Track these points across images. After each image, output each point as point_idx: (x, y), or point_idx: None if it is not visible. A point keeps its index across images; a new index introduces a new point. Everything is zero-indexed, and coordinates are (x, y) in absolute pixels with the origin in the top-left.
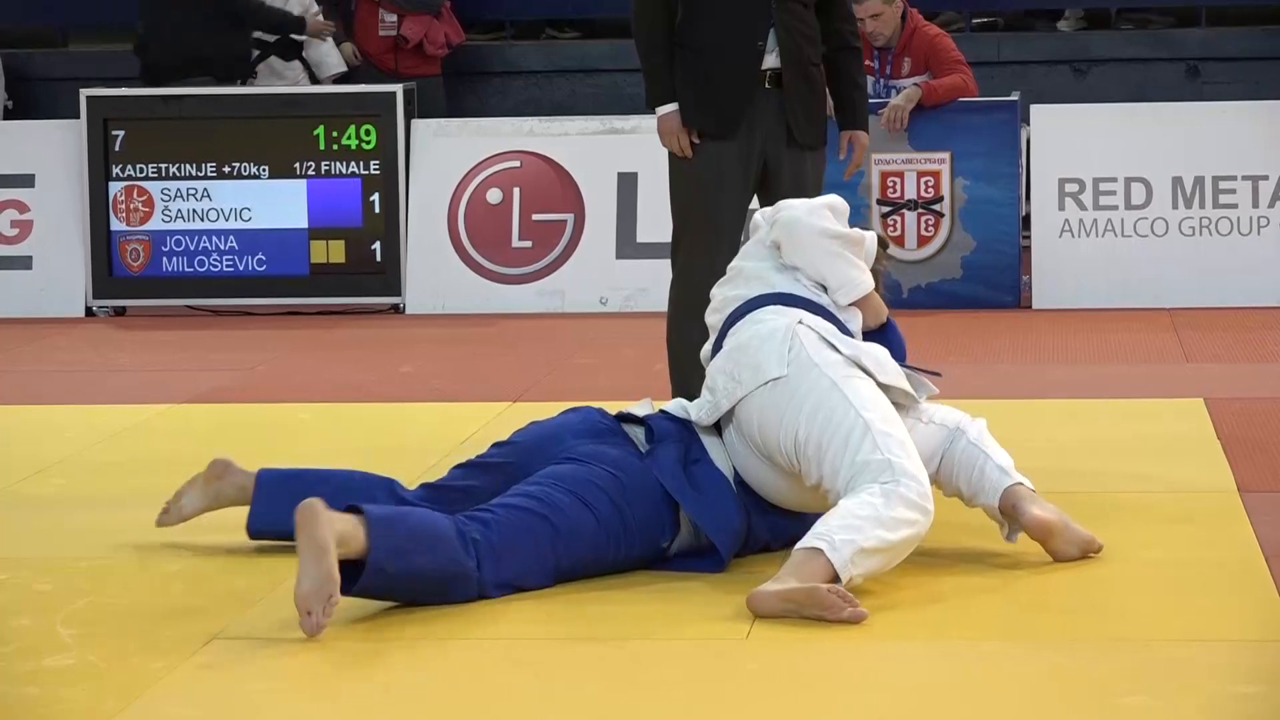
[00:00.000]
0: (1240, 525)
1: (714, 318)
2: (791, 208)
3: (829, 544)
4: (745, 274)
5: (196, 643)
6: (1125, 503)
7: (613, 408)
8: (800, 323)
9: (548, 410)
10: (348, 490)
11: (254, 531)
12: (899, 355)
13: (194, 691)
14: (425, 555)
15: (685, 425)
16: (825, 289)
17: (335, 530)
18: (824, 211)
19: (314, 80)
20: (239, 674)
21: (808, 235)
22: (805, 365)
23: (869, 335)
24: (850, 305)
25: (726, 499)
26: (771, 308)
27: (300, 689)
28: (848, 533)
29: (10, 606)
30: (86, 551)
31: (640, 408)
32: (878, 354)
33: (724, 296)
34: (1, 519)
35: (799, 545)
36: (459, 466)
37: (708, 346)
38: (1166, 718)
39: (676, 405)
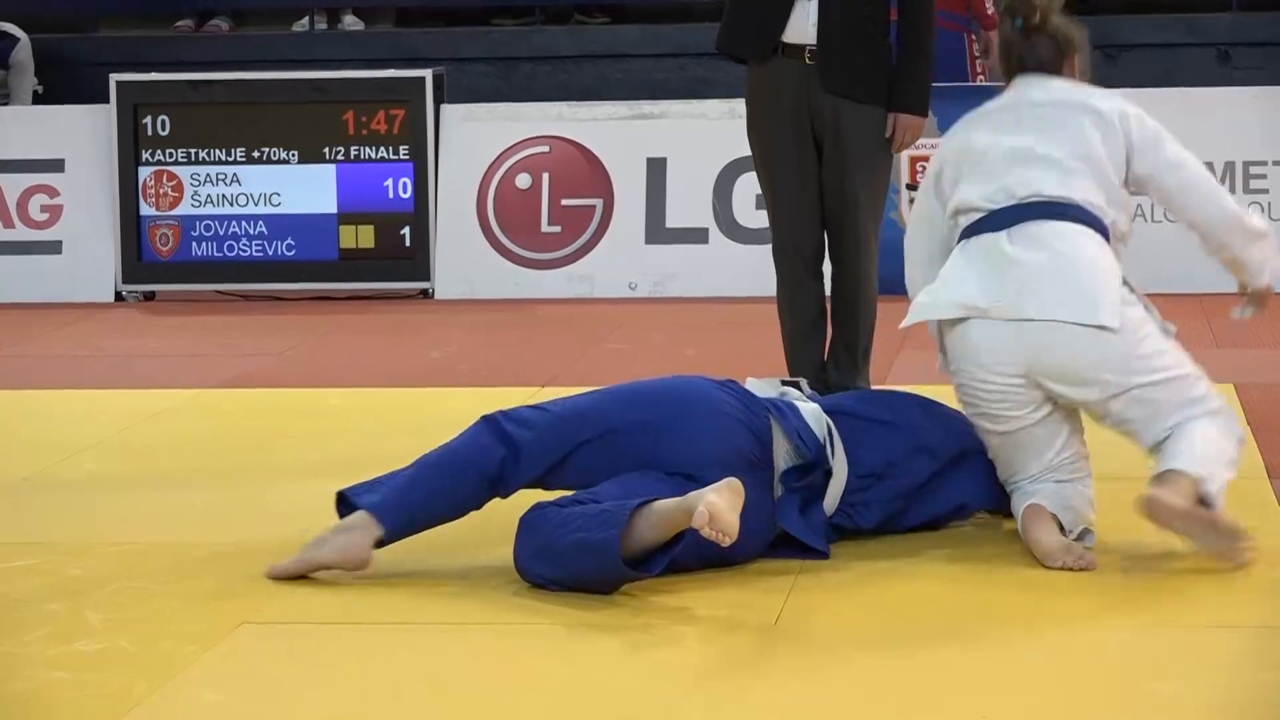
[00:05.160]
0: (1270, 510)
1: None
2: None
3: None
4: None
5: (226, 628)
6: None
7: None
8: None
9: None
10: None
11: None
12: None
13: (223, 676)
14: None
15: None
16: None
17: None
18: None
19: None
20: (268, 659)
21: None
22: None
23: None
24: None
25: (825, 526)
26: (1089, 232)
27: (329, 674)
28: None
29: (41, 591)
30: (117, 536)
31: (797, 398)
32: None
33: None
34: (33, 503)
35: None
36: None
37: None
38: (1196, 703)
39: (816, 419)
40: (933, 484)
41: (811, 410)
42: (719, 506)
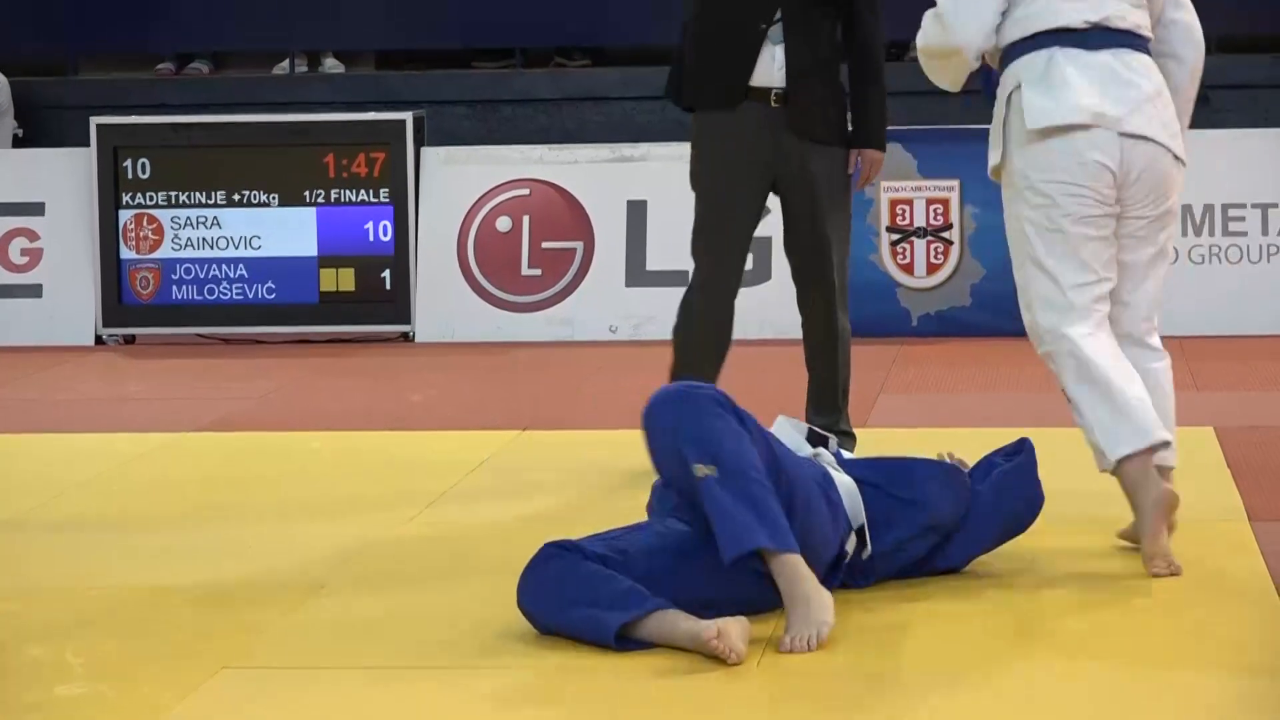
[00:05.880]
0: (1250, 554)
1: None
2: None
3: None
4: None
5: (206, 672)
6: None
7: (626, 438)
8: None
9: (558, 439)
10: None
11: None
12: None
13: None
14: None
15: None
16: None
17: None
18: None
19: None
20: (249, 704)
21: None
22: None
23: None
24: None
25: None
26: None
27: (309, 719)
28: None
29: (21, 635)
30: (97, 580)
31: (829, 464)
32: None
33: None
34: (13, 547)
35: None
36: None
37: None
38: None
39: (852, 500)
40: (930, 555)
41: (846, 486)
42: (729, 630)
